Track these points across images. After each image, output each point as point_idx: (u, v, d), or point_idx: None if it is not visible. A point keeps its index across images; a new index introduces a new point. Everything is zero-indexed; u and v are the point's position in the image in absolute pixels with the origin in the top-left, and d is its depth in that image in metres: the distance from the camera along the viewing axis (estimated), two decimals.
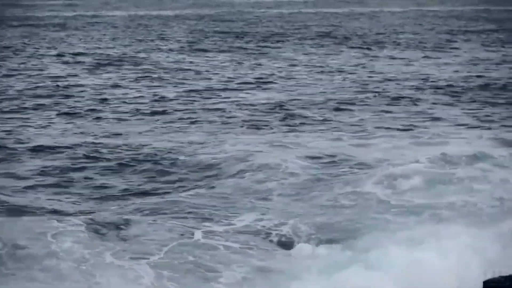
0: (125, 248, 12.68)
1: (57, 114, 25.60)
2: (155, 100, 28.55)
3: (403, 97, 28.93)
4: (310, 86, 32.19)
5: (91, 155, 19.68)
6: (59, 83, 32.62)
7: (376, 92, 30.15)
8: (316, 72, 36.73)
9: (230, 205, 15.40)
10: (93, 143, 21.03)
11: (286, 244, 13.40)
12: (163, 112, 26.05)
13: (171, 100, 28.59)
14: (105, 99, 28.69)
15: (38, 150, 20.20)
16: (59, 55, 43.67)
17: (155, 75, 35.57)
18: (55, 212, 14.89)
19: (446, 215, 14.54)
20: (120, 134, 22.29)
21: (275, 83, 33.29)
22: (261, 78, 34.72)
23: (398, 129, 22.86)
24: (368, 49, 47.25)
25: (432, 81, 33.06)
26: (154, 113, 25.95)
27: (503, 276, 10.30)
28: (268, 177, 17.28)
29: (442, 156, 18.32)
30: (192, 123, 24.15)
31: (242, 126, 23.48)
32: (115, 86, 32.25)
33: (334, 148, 20.37)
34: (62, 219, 13.76)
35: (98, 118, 24.99)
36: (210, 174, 17.87)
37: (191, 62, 40.97)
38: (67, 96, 29.35)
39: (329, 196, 15.95)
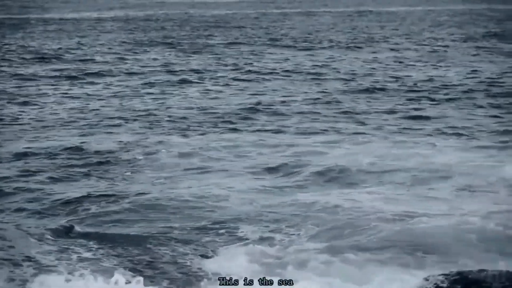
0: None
1: None
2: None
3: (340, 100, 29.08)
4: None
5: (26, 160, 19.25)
6: None
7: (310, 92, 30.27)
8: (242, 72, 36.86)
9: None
10: (25, 147, 20.55)
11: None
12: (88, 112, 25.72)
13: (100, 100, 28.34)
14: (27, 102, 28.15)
15: None
16: None
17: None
18: None
19: None
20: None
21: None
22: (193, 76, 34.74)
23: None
24: (302, 49, 47.47)
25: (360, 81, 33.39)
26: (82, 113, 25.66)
27: (441, 274, 10.33)
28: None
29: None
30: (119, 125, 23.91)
31: (173, 128, 23.32)
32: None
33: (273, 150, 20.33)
34: None
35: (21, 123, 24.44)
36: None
37: (123, 60, 40.80)
38: None
39: None
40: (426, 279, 10.08)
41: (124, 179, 17.41)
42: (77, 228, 13.86)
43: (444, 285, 9.82)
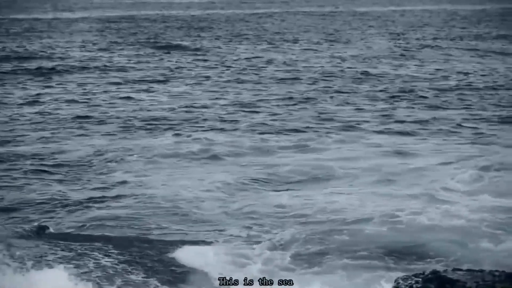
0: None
1: None
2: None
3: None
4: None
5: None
6: None
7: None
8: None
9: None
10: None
11: None
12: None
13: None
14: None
15: None
16: None
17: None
18: None
19: None
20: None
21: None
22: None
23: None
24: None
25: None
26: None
27: (415, 273, 10.32)
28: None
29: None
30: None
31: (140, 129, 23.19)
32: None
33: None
34: None
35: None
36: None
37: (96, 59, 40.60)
38: None
39: None
40: (402, 279, 10.07)
41: (95, 182, 17.23)
42: (51, 230, 13.77)
43: (419, 285, 9.82)
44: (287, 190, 16.56)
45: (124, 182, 17.09)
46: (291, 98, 28.77)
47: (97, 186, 16.87)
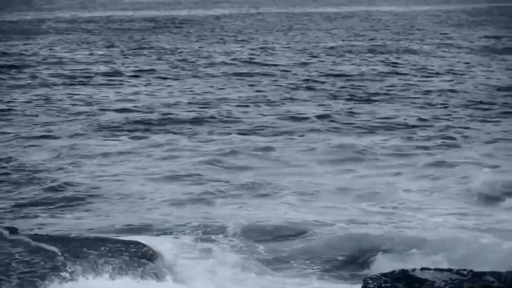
0: None
1: None
2: None
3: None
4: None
5: None
6: None
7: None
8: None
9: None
10: None
11: None
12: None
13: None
14: None
15: None
16: None
17: None
18: None
19: None
20: None
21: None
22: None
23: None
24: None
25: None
26: None
27: (383, 273, 10.34)
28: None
29: None
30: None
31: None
32: None
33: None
34: None
35: None
36: None
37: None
38: None
39: None
40: (371, 279, 10.09)
41: (51, 185, 17.07)
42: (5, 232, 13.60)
43: (388, 284, 9.84)
44: (229, 198, 16.28)
45: (79, 184, 16.98)
46: (249, 97, 28.69)
47: (49, 188, 16.80)
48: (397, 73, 35.77)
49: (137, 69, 37.64)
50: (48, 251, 12.47)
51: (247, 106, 27.18)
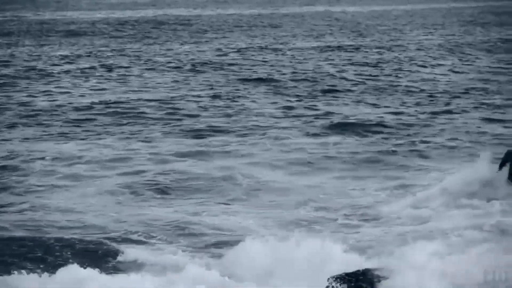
0: None
1: None
2: None
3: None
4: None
5: None
6: None
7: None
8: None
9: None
10: None
11: None
12: None
13: None
14: None
15: None
16: None
17: None
18: None
19: None
20: None
21: None
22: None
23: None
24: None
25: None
26: None
27: (347, 272, 10.35)
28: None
29: None
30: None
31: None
32: None
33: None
34: None
35: None
36: None
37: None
38: None
39: None
40: (334, 278, 10.07)
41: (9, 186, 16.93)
42: None
43: (352, 284, 9.85)
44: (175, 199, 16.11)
45: (29, 189, 16.74)
46: (210, 96, 28.57)
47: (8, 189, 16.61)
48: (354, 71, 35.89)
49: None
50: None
51: (203, 101, 27.05)
